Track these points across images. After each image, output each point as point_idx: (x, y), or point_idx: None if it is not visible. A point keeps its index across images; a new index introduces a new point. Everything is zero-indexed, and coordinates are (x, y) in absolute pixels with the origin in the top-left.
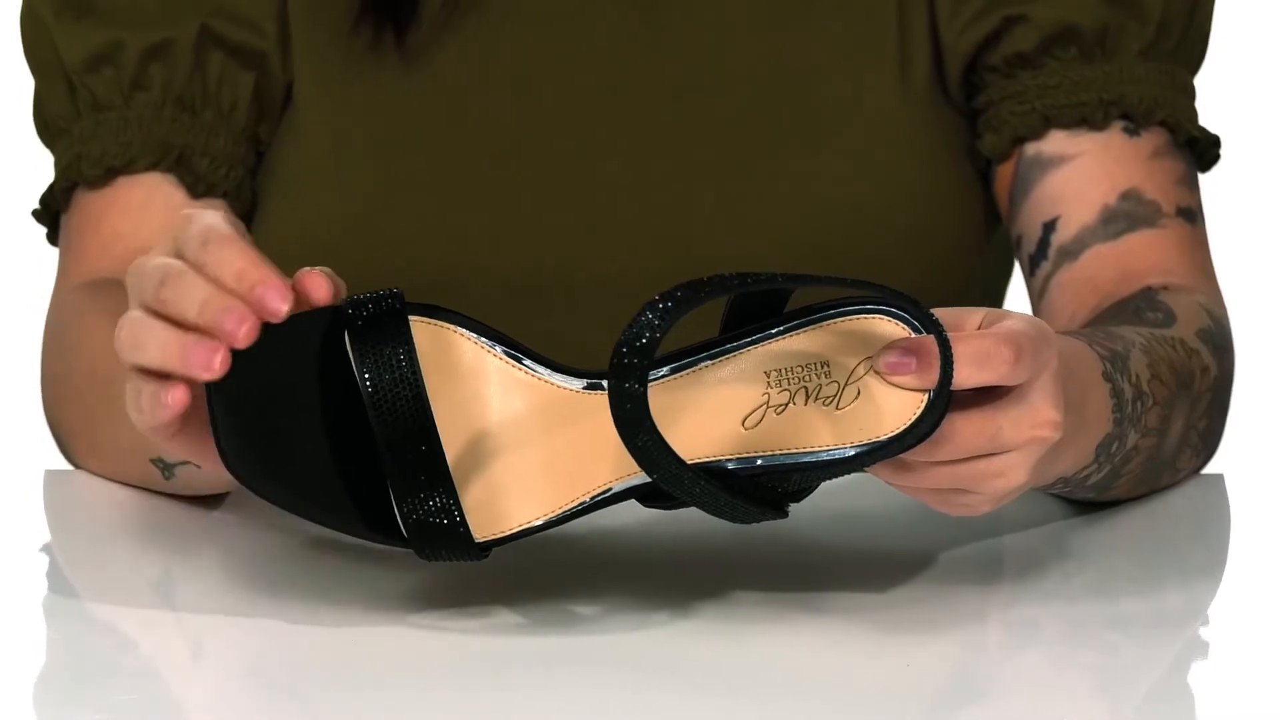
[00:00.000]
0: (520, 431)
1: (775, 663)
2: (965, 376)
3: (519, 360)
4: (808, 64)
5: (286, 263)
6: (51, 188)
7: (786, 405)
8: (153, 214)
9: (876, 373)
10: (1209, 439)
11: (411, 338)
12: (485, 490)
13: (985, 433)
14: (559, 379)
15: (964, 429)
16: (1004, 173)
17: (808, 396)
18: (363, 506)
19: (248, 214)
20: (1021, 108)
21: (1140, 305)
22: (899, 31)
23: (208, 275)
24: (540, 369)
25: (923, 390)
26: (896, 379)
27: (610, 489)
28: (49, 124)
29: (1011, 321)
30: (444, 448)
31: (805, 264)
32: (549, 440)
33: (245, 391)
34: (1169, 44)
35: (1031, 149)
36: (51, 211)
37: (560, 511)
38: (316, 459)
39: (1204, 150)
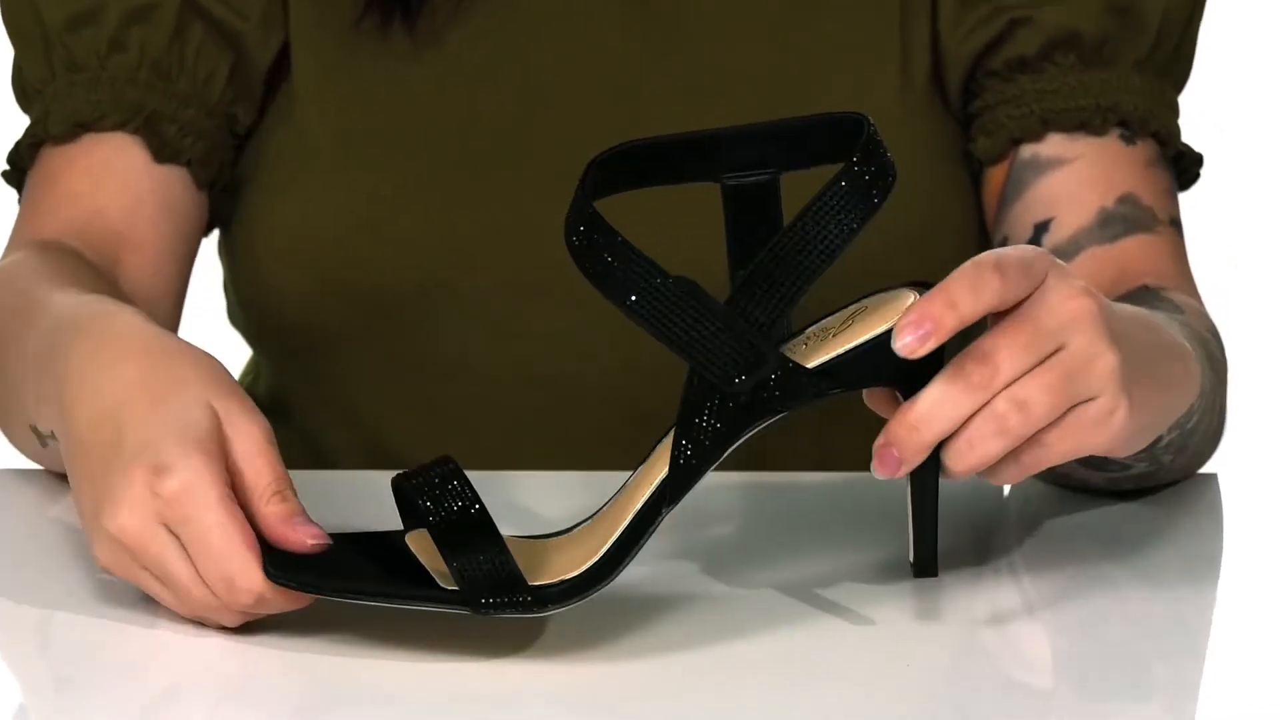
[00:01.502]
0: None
1: (776, 661)
2: (965, 306)
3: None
4: (810, 65)
5: (288, 259)
6: (18, 145)
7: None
8: (112, 175)
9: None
10: (1220, 431)
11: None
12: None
13: (1024, 330)
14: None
15: (1002, 338)
16: (995, 175)
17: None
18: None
19: (213, 183)
20: (1019, 111)
21: (1149, 299)
22: (900, 33)
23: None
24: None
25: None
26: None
27: (644, 499)
28: (26, 89)
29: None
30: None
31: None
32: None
33: None
34: (1161, 59)
35: (1028, 151)
36: (20, 171)
37: (606, 547)
38: (367, 574)
39: (1187, 167)
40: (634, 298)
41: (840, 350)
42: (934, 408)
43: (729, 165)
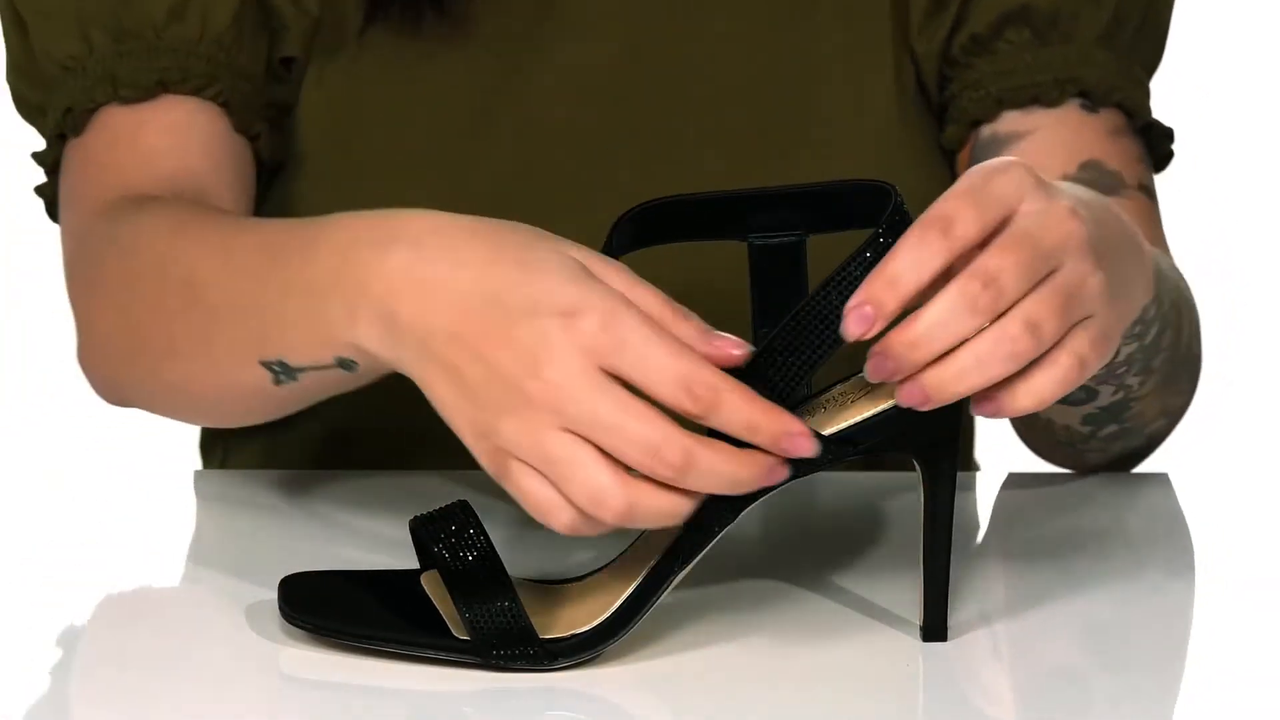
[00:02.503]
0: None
1: (776, 661)
2: (907, 282)
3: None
4: (809, 71)
5: None
6: (62, 116)
7: None
8: (193, 136)
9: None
10: (1194, 370)
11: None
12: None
13: (1026, 251)
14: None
15: (1005, 259)
16: (961, 160)
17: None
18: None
19: (272, 165)
20: (978, 94)
21: None
22: (894, 36)
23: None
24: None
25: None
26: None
27: (658, 556)
28: (45, 73)
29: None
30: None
31: (813, 271)
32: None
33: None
34: (1125, 36)
35: (986, 131)
36: (47, 165)
37: (619, 603)
38: (381, 618)
39: (1157, 143)
40: None
41: (859, 418)
42: (937, 328)
43: (756, 225)
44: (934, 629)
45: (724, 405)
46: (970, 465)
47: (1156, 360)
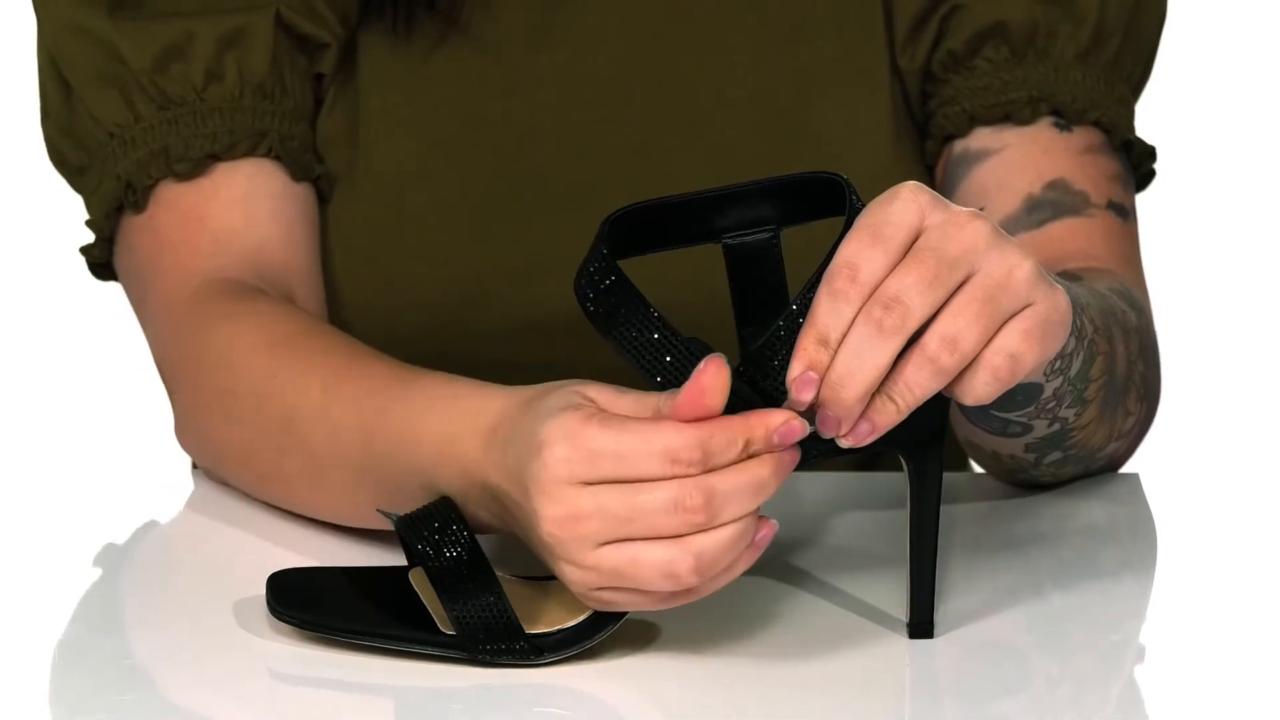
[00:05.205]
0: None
1: (775, 661)
2: (835, 333)
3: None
4: (804, 86)
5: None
6: (118, 204)
7: None
8: (259, 205)
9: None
10: (1148, 387)
11: (502, 591)
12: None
13: (927, 264)
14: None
15: (906, 277)
16: (937, 176)
17: None
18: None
19: (323, 201)
20: (953, 109)
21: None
22: (887, 52)
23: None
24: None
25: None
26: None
27: None
28: (90, 136)
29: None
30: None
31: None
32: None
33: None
34: (1107, 52)
35: (959, 147)
36: (104, 234)
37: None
38: (369, 614)
39: (1139, 160)
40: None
41: None
42: (853, 361)
43: (728, 225)
44: (921, 626)
45: (713, 450)
46: (966, 466)
47: (1089, 390)
